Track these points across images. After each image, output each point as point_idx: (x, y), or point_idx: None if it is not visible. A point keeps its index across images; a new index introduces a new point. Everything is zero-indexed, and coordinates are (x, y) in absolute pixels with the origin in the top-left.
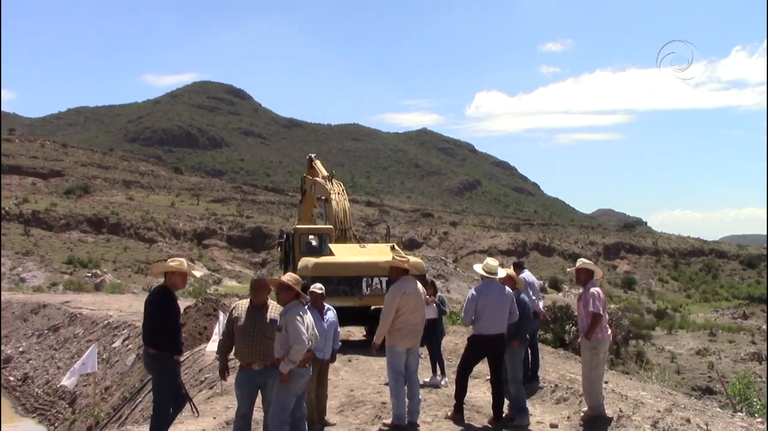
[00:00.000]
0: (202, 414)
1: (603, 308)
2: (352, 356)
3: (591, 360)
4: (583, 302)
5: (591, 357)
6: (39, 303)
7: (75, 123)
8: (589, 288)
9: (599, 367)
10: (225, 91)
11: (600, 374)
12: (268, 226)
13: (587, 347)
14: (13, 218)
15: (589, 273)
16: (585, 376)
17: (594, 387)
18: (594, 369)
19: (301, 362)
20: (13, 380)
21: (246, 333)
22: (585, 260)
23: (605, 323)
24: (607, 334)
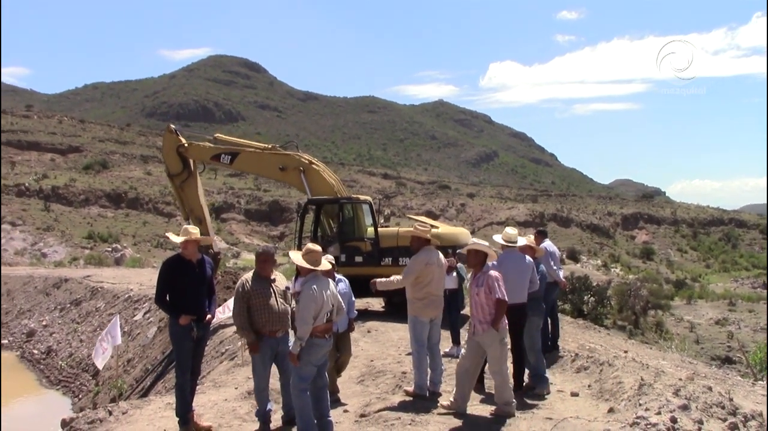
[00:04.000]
0: (222, 384)
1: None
2: (371, 326)
3: (501, 353)
4: (484, 288)
5: (501, 350)
6: (61, 278)
7: (92, 99)
8: (487, 272)
9: (507, 359)
10: (240, 65)
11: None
12: (285, 199)
13: (495, 339)
14: (33, 194)
15: (481, 255)
16: (496, 372)
17: (508, 383)
18: (504, 363)
19: (320, 333)
20: (37, 353)
21: (266, 303)
22: (477, 241)
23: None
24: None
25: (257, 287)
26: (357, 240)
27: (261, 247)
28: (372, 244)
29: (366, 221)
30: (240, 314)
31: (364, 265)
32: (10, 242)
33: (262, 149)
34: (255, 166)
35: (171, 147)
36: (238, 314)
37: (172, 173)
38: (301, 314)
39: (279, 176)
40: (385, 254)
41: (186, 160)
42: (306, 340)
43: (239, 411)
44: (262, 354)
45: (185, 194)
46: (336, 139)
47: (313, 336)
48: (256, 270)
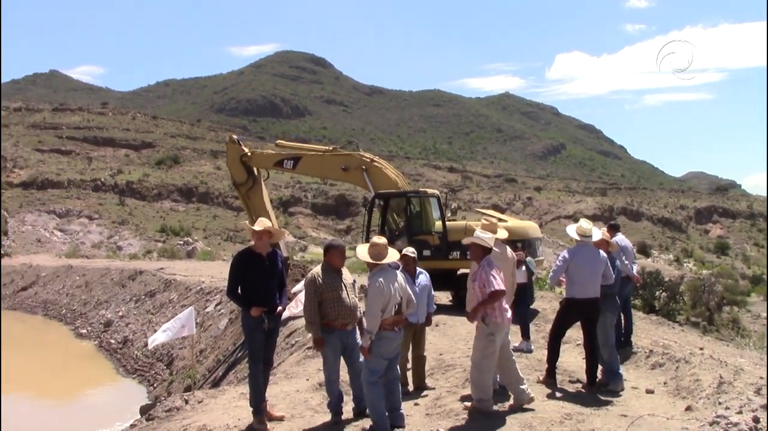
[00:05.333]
0: (294, 376)
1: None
2: (439, 320)
3: (485, 347)
4: (478, 281)
5: (486, 345)
6: (135, 270)
7: (164, 96)
8: (483, 266)
9: (493, 357)
10: (307, 61)
11: (492, 365)
12: (351, 193)
13: (483, 332)
14: (108, 188)
15: (480, 249)
16: (475, 365)
17: (484, 379)
18: (486, 359)
19: (389, 325)
20: (114, 343)
21: (338, 297)
22: (480, 234)
23: (503, 306)
24: (507, 317)
25: (328, 280)
26: (425, 234)
27: (330, 240)
28: (440, 238)
29: (434, 215)
30: (311, 309)
31: (432, 259)
32: (88, 235)
33: (323, 152)
34: (317, 169)
35: (235, 157)
36: (309, 308)
37: (237, 182)
38: (369, 308)
39: (342, 176)
40: (453, 247)
41: (250, 168)
42: (375, 333)
43: (311, 402)
44: (332, 347)
45: (251, 202)
46: (401, 133)
47: (382, 329)
48: (325, 263)
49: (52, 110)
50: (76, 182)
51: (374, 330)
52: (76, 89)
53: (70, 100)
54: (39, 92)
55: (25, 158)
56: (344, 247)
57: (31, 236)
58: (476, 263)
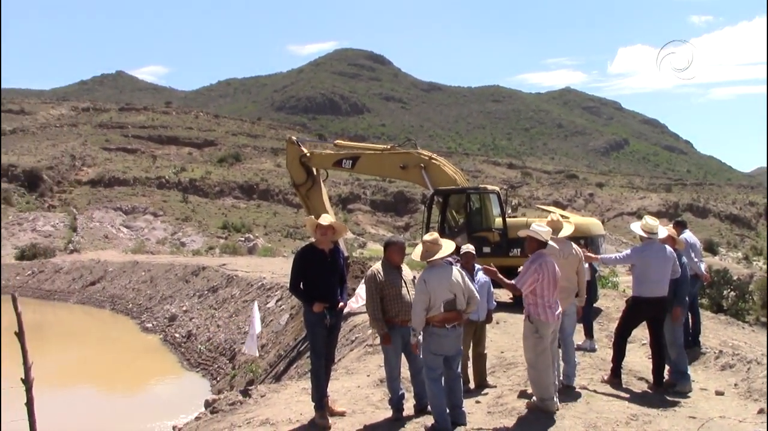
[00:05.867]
0: (355, 371)
1: (546, 284)
2: (500, 318)
3: (535, 345)
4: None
5: (535, 342)
6: (199, 266)
7: (225, 94)
8: (531, 259)
9: (545, 353)
10: (365, 58)
11: (547, 361)
12: (410, 190)
13: (530, 330)
14: (172, 186)
15: (536, 243)
16: (530, 364)
17: (542, 377)
18: (539, 356)
19: (438, 322)
20: (178, 336)
21: (398, 293)
22: (536, 227)
23: (548, 302)
24: (554, 315)
25: (389, 277)
26: (485, 231)
27: (390, 237)
28: (500, 234)
29: (494, 212)
30: (374, 305)
31: (492, 256)
32: (153, 231)
33: (381, 151)
34: (376, 167)
35: (294, 158)
36: (372, 305)
37: (297, 183)
38: (413, 306)
39: (400, 174)
40: (513, 244)
41: (309, 169)
42: (420, 330)
43: (372, 398)
44: (393, 344)
45: (311, 202)
46: (460, 129)
47: (430, 325)
48: (385, 260)
49: (118, 110)
50: (142, 180)
51: (418, 328)
52: (141, 89)
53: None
54: (106, 93)
55: (93, 156)
56: (404, 243)
57: (99, 232)
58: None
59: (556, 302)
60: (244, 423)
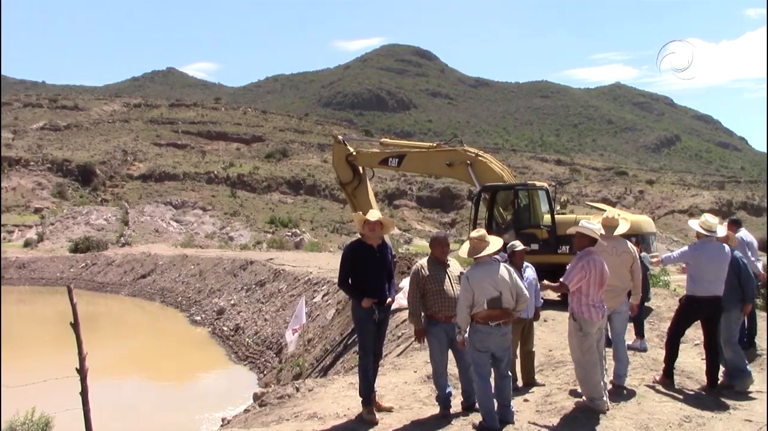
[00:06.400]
0: (401, 367)
1: (592, 281)
2: (547, 315)
3: (580, 344)
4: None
5: (580, 341)
6: (246, 260)
7: (273, 90)
8: (579, 256)
9: (592, 351)
10: (412, 54)
11: (594, 359)
12: (456, 186)
13: (574, 329)
14: (221, 181)
15: (586, 240)
16: (577, 363)
17: (590, 376)
18: (586, 355)
19: (482, 319)
20: (226, 330)
21: (441, 289)
22: (586, 224)
23: (593, 301)
24: (599, 313)
25: (433, 272)
26: (533, 227)
27: (436, 233)
28: (549, 231)
29: (542, 208)
30: (414, 300)
31: (541, 253)
32: (201, 226)
33: (427, 148)
34: (422, 165)
35: (340, 157)
36: (412, 299)
37: (343, 181)
38: (458, 303)
39: (447, 172)
40: (562, 241)
41: (356, 168)
42: (465, 327)
43: (419, 394)
44: (438, 340)
45: (357, 201)
46: (507, 125)
47: (474, 322)
48: (431, 256)
49: (169, 106)
50: (191, 175)
51: (463, 325)
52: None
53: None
54: (157, 89)
55: (144, 151)
56: (448, 239)
57: (150, 226)
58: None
59: (601, 301)
60: (291, 417)
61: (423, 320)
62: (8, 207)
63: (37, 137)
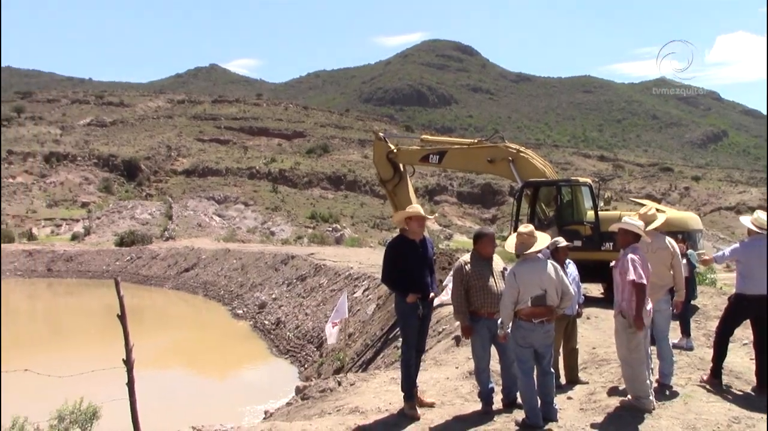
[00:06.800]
0: (443, 363)
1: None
2: (590, 313)
3: (628, 341)
4: (619, 270)
5: (628, 338)
6: (288, 255)
7: (314, 86)
8: (628, 254)
9: (639, 349)
10: (453, 49)
11: (642, 358)
12: (497, 182)
13: (623, 326)
14: (263, 176)
15: (630, 236)
16: (623, 361)
17: (637, 374)
18: (633, 353)
19: (525, 316)
20: (267, 323)
21: (484, 285)
22: (628, 220)
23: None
24: (647, 309)
25: (477, 268)
26: (576, 224)
27: (480, 228)
28: (592, 228)
29: (585, 205)
30: (458, 296)
31: (584, 249)
32: (243, 220)
33: (468, 145)
34: (463, 162)
35: (381, 154)
36: (457, 295)
37: (384, 179)
38: (502, 299)
39: (488, 168)
40: (605, 238)
41: (396, 165)
42: (509, 324)
43: (461, 390)
44: (481, 336)
45: (398, 198)
46: (549, 120)
47: (517, 318)
48: (475, 251)
49: (211, 102)
50: (233, 170)
51: (506, 322)
52: (233, 82)
53: (228, 93)
54: (200, 85)
55: (187, 147)
56: (494, 235)
57: (193, 220)
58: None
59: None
60: (333, 411)
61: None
62: (56, 201)
63: (84, 132)
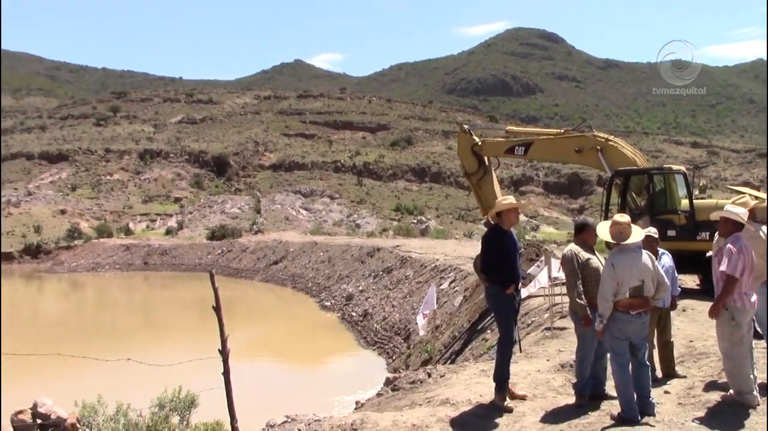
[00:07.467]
0: (534, 355)
1: (746, 268)
2: (686, 305)
3: (731, 334)
4: (717, 259)
5: (730, 331)
6: (373, 247)
7: (397, 79)
8: (727, 243)
9: (742, 343)
10: (538, 37)
11: (745, 352)
12: (585, 172)
13: (725, 318)
14: (347, 169)
15: (730, 224)
16: (726, 355)
17: (740, 368)
18: (736, 346)
19: (623, 307)
20: (355, 315)
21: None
22: (731, 208)
23: (744, 288)
24: (751, 301)
25: (588, 258)
26: (669, 213)
27: (583, 218)
28: (687, 217)
29: (679, 193)
30: (575, 287)
31: (678, 239)
32: (329, 213)
33: (555, 135)
34: (550, 153)
35: (466, 147)
36: (573, 286)
37: (468, 171)
38: (600, 291)
39: (576, 158)
40: (701, 228)
41: (481, 158)
42: (607, 316)
43: (553, 383)
44: (593, 327)
45: (482, 191)
46: (639, 107)
47: (614, 310)
48: (580, 241)
49: (296, 97)
50: (319, 164)
51: (605, 314)
52: (317, 77)
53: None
54: (285, 81)
55: (274, 142)
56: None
57: (280, 214)
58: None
59: (750, 288)
60: (424, 402)
61: None
62: (151, 197)
63: (175, 130)
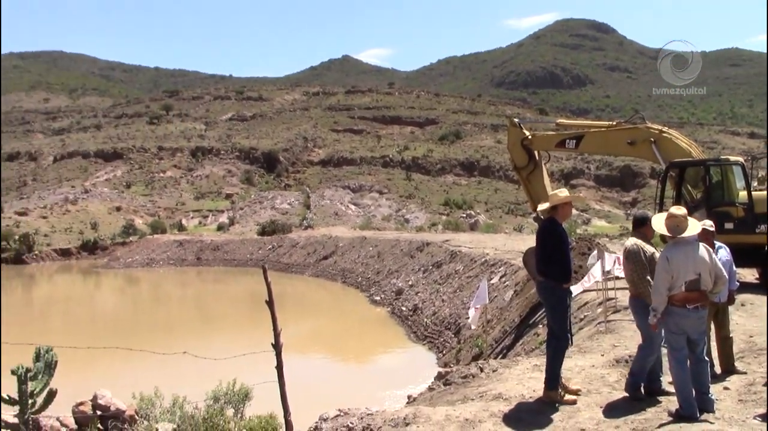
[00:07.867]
0: (588, 350)
1: None
2: (745, 299)
3: None
4: None
5: None
6: (423, 241)
7: (445, 73)
8: None
9: None
10: (588, 27)
11: None
12: (637, 164)
13: None
14: (396, 164)
15: None
16: None
17: None
18: None
19: (678, 301)
20: (405, 310)
21: None
22: None
23: None
24: None
25: (653, 253)
26: (727, 205)
27: (643, 212)
28: (745, 209)
29: (737, 185)
30: (643, 280)
31: (736, 232)
32: (378, 208)
33: (607, 127)
34: (602, 145)
35: (516, 141)
36: (642, 280)
37: (518, 165)
38: (654, 284)
39: (628, 151)
40: (760, 220)
41: (531, 152)
42: (661, 310)
43: (608, 378)
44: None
45: (532, 186)
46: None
47: (669, 305)
48: (641, 234)
49: (345, 93)
50: (367, 159)
51: (659, 308)
52: (365, 72)
53: (361, 83)
54: (333, 77)
55: (323, 138)
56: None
57: (330, 209)
58: None
59: None
60: (476, 397)
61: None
62: (202, 193)
63: (226, 127)
